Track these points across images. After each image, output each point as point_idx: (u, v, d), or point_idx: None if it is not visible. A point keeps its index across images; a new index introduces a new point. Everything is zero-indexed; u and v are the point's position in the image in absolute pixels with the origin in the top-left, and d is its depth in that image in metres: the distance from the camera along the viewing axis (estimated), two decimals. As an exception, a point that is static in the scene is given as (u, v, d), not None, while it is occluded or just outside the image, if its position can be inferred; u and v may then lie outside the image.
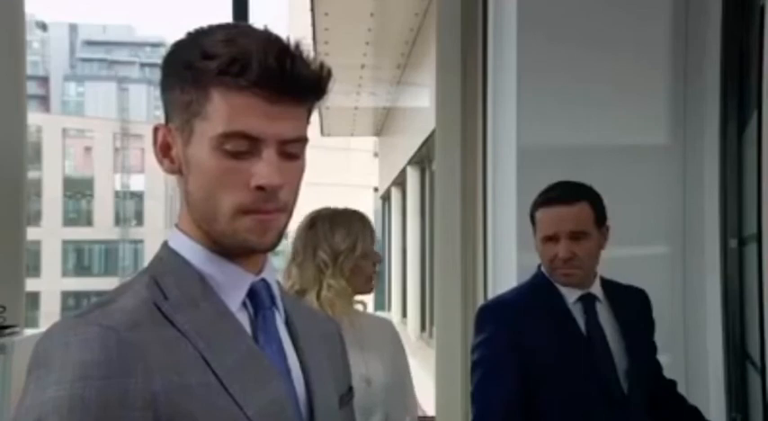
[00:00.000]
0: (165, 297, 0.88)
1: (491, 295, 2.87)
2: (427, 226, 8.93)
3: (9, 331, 2.53)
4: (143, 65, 44.19)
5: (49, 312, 25.09)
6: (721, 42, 2.57)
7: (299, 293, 1.95)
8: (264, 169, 0.87)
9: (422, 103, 7.38)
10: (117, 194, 31.78)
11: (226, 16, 3.34)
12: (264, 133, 0.87)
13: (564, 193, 1.89)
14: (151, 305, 0.87)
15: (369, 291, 2.06)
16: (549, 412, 1.83)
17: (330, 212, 2.05)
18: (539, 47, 2.64)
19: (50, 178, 29.75)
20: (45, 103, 41.39)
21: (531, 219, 1.95)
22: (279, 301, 0.98)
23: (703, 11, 2.64)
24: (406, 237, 10.81)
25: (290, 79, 0.86)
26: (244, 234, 0.89)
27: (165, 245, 0.95)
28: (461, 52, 3.40)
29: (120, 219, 31.68)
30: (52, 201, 29.68)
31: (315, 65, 0.89)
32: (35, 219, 27.66)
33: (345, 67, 8.07)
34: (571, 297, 1.89)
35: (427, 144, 7.11)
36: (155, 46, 43.74)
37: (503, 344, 1.86)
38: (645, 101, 2.68)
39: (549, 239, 1.88)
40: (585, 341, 1.86)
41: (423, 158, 8.52)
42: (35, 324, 20.78)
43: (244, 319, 0.93)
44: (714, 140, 2.59)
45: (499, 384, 1.84)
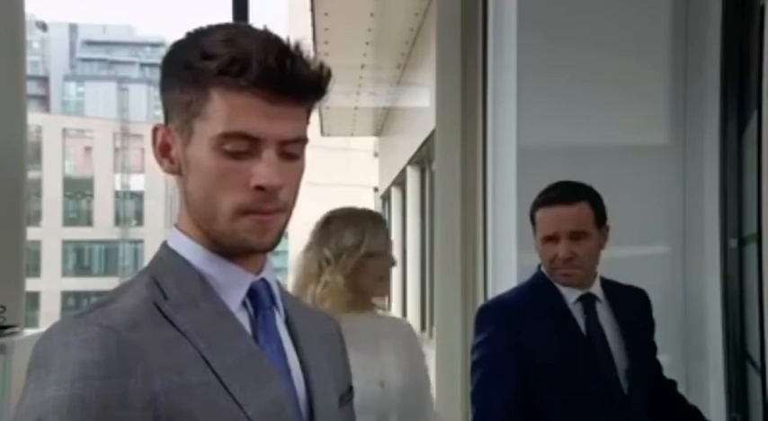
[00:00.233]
0: (165, 297, 0.88)
1: (491, 295, 2.87)
2: (427, 226, 8.91)
3: (9, 331, 2.53)
4: (143, 65, 44.19)
5: (49, 312, 25.09)
6: (721, 42, 2.57)
7: (300, 289, 1.93)
8: (264, 169, 0.87)
9: (422, 102, 7.37)
10: (117, 194, 31.78)
11: (226, 16, 3.34)
12: (264, 133, 0.87)
13: (564, 193, 1.89)
14: (151, 305, 0.87)
15: (380, 292, 2.01)
16: (549, 412, 1.83)
17: (345, 211, 2.04)
18: (539, 47, 2.64)
19: (50, 178, 29.75)
20: (45, 103, 41.39)
21: (531, 219, 1.95)
22: (279, 301, 0.98)
23: (703, 11, 2.64)
24: (406, 237, 10.79)
25: (289, 79, 0.86)
26: (243, 234, 0.89)
27: (165, 245, 0.95)
28: (461, 52, 3.40)
29: (120, 219, 31.68)
30: (52, 201, 29.68)
31: (315, 65, 0.89)
32: (35, 219, 27.65)
33: (345, 67, 8.06)
34: (571, 297, 1.89)
35: (427, 144, 7.10)
36: (155, 46, 43.73)
37: (503, 345, 1.86)
38: (645, 101, 2.68)
39: (549, 239, 1.88)
40: (585, 341, 1.86)
41: (423, 158, 8.50)
42: (35, 324, 20.76)
43: (244, 319, 0.93)
44: (714, 140, 2.59)
45: (499, 384, 1.84)
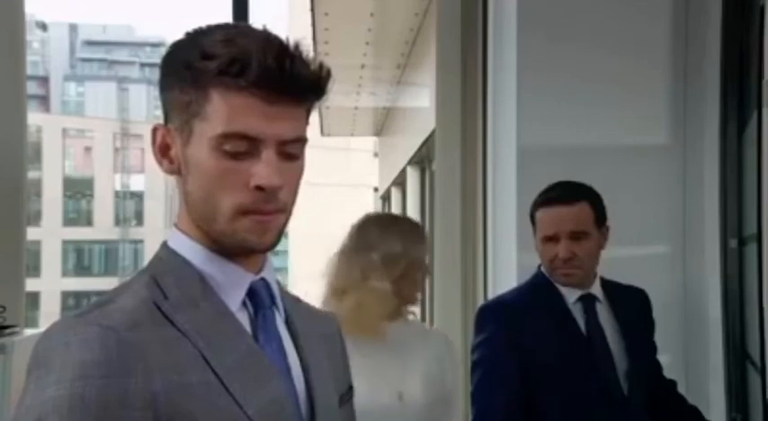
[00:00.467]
0: (165, 296, 0.88)
1: (491, 295, 2.86)
2: (427, 226, 8.91)
3: (9, 331, 2.53)
4: (143, 65, 44.16)
5: (49, 312, 25.09)
6: (721, 42, 2.57)
7: (337, 294, 1.86)
8: (264, 170, 0.87)
9: (422, 103, 7.36)
10: (117, 194, 31.77)
11: (226, 16, 3.33)
12: (264, 133, 0.87)
13: (564, 193, 1.89)
14: (151, 305, 0.87)
15: (415, 301, 1.95)
16: (549, 412, 1.83)
17: (387, 217, 2.05)
18: (539, 47, 2.64)
19: (50, 178, 29.74)
20: (45, 103, 41.37)
21: (531, 219, 1.95)
22: (279, 301, 0.98)
23: (703, 11, 2.64)
24: (406, 237, 10.79)
25: (289, 79, 0.86)
26: (243, 234, 0.89)
27: (165, 244, 0.95)
28: (461, 52, 3.40)
29: (120, 219, 31.67)
30: (52, 201, 29.67)
31: (314, 65, 0.89)
32: (35, 219, 27.65)
33: (345, 67, 8.05)
34: (571, 297, 1.89)
35: (427, 144, 7.09)
36: (155, 46, 43.72)
37: (503, 345, 1.86)
38: (645, 101, 2.68)
39: (550, 239, 1.88)
40: (585, 341, 1.86)
41: (423, 158, 8.49)
42: (35, 324, 20.76)
43: (244, 319, 0.93)
44: (714, 140, 2.59)
45: (499, 384, 1.84)
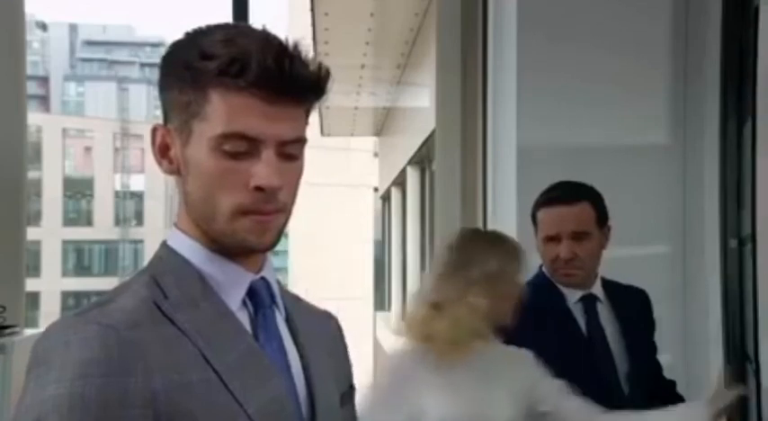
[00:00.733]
0: (165, 296, 0.88)
1: (491, 295, 2.86)
2: (427, 226, 8.90)
3: (9, 331, 2.54)
4: (143, 65, 44.15)
5: (49, 312, 25.06)
6: (721, 42, 2.57)
7: (433, 310, 1.74)
8: (263, 170, 0.87)
9: (422, 102, 7.36)
10: (117, 194, 31.75)
11: (226, 16, 3.33)
12: (263, 134, 0.87)
13: (565, 193, 1.89)
14: (151, 304, 0.87)
15: (508, 321, 1.78)
16: (549, 412, 1.83)
17: (489, 234, 1.96)
18: (539, 47, 2.64)
19: (50, 178, 29.72)
20: (45, 103, 41.37)
21: (533, 219, 1.95)
22: (279, 300, 0.98)
23: (703, 11, 2.65)
24: (406, 237, 10.79)
25: (288, 80, 0.86)
26: (243, 234, 0.89)
27: (165, 244, 0.95)
28: (461, 52, 3.40)
29: (120, 219, 31.65)
30: (52, 201, 29.66)
31: (313, 65, 0.89)
32: (35, 219, 27.64)
33: (345, 67, 8.05)
34: (572, 297, 1.89)
35: (427, 144, 7.09)
36: (155, 46, 43.69)
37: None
38: (645, 101, 2.69)
39: (551, 239, 1.88)
40: (586, 341, 1.86)
41: (423, 158, 8.49)
42: (35, 324, 20.74)
43: (244, 318, 0.93)
44: (714, 140, 2.59)
45: (499, 384, 1.83)
